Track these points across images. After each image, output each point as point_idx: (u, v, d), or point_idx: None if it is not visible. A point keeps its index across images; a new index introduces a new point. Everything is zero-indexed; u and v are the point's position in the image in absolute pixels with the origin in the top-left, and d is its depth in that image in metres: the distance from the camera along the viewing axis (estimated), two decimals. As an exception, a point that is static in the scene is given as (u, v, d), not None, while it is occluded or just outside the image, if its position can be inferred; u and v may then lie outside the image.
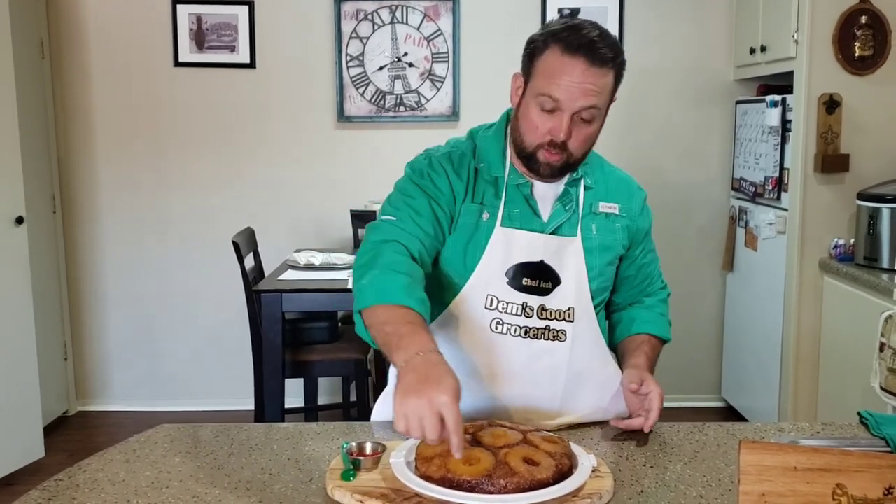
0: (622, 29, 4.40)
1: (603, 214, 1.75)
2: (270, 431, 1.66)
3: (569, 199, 1.72)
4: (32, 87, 4.18)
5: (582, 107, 1.60)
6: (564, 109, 1.59)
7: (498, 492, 1.26)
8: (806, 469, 1.08)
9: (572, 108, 1.59)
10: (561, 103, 1.59)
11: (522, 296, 1.67)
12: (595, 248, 1.73)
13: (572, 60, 1.57)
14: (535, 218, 1.70)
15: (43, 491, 1.38)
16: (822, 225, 3.63)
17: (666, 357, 5.03)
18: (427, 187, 1.70)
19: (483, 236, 1.68)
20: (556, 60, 1.59)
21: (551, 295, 1.68)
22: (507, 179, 1.71)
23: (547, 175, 1.68)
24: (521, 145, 1.68)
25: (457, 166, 1.72)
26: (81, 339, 4.61)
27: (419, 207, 1.68)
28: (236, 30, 4.42)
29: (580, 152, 1.67)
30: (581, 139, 1.64)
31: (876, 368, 2.87)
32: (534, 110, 1.63)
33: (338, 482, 1.33)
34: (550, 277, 1.68)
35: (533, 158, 1.66)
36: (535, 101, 1.62)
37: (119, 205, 4.53)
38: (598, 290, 1.74)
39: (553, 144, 1.62)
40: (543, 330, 1.68)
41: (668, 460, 1.50)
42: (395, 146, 4.37)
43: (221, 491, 1.37)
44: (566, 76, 1.58)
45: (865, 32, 3.49)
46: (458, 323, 1.69)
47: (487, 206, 1.69)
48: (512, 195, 1.70)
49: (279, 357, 3.40)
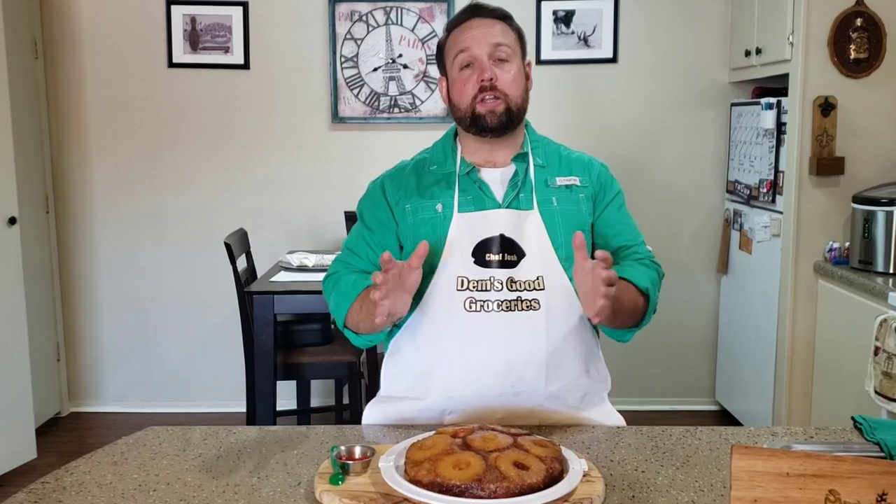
0: (617, 31, 4.40)
1: (563, 187, 1.83)
2: (260, 434, 1.65)
3: (517, 177, 1.81)
4: (25, 87, 4.16)
5: (491, 45, 1.77)
6: (478, 56, 1.77)
7: (488, 496, 1.25)
8: (798, 475, 1.07)
9: (484, 50, 1.77)
10: (472, 50, 1.77)
11: (489, 271, 1.74)
12: (557, 219, 1.79)
13: (466, 24, 1.81)
14: (487, 200, 1.80)
15: (29, 493, 1.37)
16: (816, 228, 3.62)
17: (660, 360, 5.05)
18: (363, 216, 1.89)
19: (442, 225, 1.78)
20: (456, 34, 1.82)
21: (518, 267, 1.75)
22: (458, 171, 1.82)
23: (495, 124, 1.77)
24: (461, 115, 1.81)
25: (393, 177, 1.89)
26: (74, 340, 4.60)
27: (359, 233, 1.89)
28: (230, 31, 4.40)
29: (514, 92, 1.78)
30: (508, 80, 1.78)
31: (870, 372, 2.86)
32: (457, 76, 1.80)
33: (326, 486, 1.32)
34: (515, 250, 1.76)
35: (475, 116, 1.78)
36: (454, 69, 1.81)
37: (112, 206, 4.51)
38: (568, 258, 1.76)
39: (484, 90, 1.76)
40: (516, 301, 1.73)
41: (659, 465, 1.49)
42: (390, 147, 4.35)
43: (209, 494, 1.36)
44: (465, 33, 1.80)
45: (860, 35, 3.49)
46: (435, 309, 1.76)
47: (440, 199, 1.81)
48: (464, 185, 1.81)
49: (271, 359, 3.39)
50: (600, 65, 4.44)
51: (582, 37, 4.41)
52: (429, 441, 1.38)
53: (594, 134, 4.40)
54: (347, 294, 1.79)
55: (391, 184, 1.87)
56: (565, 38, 4.41)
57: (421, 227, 1.80)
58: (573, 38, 4.41)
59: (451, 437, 1.39)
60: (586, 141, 4.22)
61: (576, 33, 4.40)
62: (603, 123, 4.45)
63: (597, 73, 4.44)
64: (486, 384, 1.73)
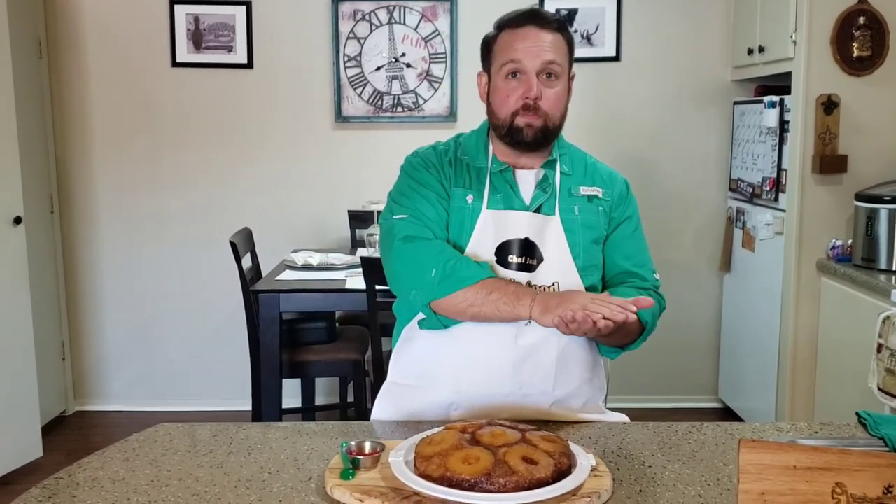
0: (620, 29, 4.41)
1: (585, 197, 1.84)
2: (269, 430, 1.66)
3: (547, 183, 1.81)
4: (30, 86, 4.17)
5: (543, 62, 1.73)
6: (528, 69, 1.73)
7: (497, 491, 1.26)
8: (805, 468, 1.08)
9: (535, 65, 1.73)
10: (523, 63, 1.73)
11: (510, 273, 1.76)
12: (577, 227, 1.80)
13: (523, 30, 1.75)
14: (517, 200, 1.80)
15: (43, 489, 1.38)
16: (819, 226, 3.63)
17: (663, 358, 5.04)
18: (423, 180, 1.82)
19: (470, 219, 1.78)
20: (510, 35, 1.77)
21: (537, 271, 1.76)
22: (490, 168, 1.82)
23: (531, 139, 1.76)
24: (499, 123, 1.79)
25: (441, 157, 1.85)
26: (79, 339, 4.61)
27: (424, 197, 1.79)
28: (234, 30, 4.42)
29: (555, 112, 1.77)
30: (552, 99, 1.76)
31: (873, 369, 2.87)
32: (501, 83, 1.77)
33: (337, 481, 1.33)
34: (535, 254, 1.77)
35: (513, 128, 1.76)
36: (500, 75, 1.77)
37: (117, 205, 4.53)
38: (586, 267, 1.79)
39: (527, 108, 1.74)
40: None
41: (666, 459, 1.51)
42: (393, 147, 4.35)
43: (221, 489, 1.37)
44: (521, 41, 1.74)
45: (864, 33, 3.50)
46: None
47: (472, 190, 1.80)
48: (495, 181, 1.81)
49: (276, 357, 3.40)
50: (603, 63, 4.44)
51: (585, 35, 4.41)
52: (438, 436, 1.39)
53: (597, 132, 4.41)
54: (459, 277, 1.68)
55: (436, 161, 1.85)
56: (568, 36, 4.41)
57: (453, 215, 1.79)
58: (576, 36, 4.40)
59: (460, 433, 1.40)
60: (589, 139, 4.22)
61: (579, 32, 4.41)
62: (606, 122, 4.45)
63: (599, 72, 4.45)
64: (494, 382, 1.74)
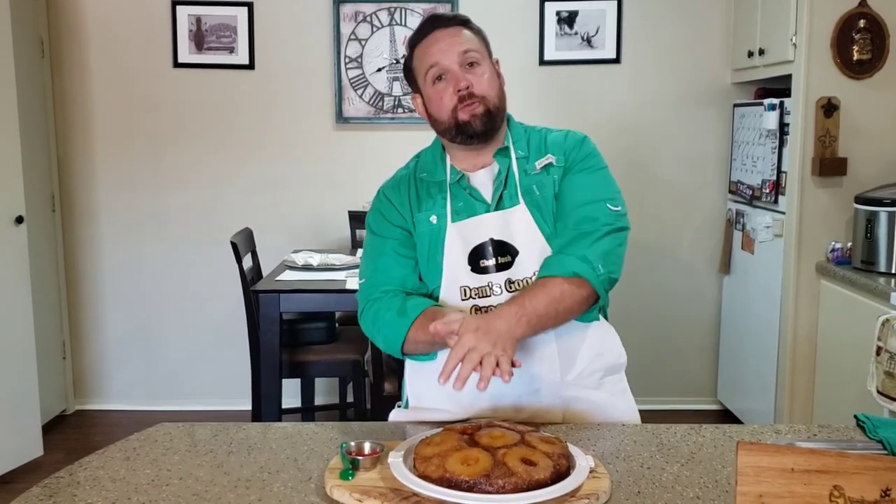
0: (620, 31, 4.42)
1: (542, 171, 1.80)
2: (269, 430, 1.67)
3: (501, 175, 1.80)
4: (32, 86, 4.18)
5: (459, 54, 1.75)
6: (449, 66, 1.75)
7: (496, 492, 1.27)
8: (803, 470, 1.08)
9: (453, 59, 1.75)
10: (442, 63, 1.76)
11: (486, 277, 1.76)
12: (543, 207, 1.78)
13: (430, 37, 1.78)
14: (479, 204, 1.79)
15: (44, 488, 1.38)
16: (819, 228, 3.64)
17: (662, 360, 5.06)
18: (381, 230, 1.85)
19: (439, 238, 1.79)
20: (421, 48, 1.80)
21: (513, 267, 1.75)
22: (448, 180, 1.82)
23: (480, 127, 1.76)
24: (444, 126, 1.79)
25: (401, 186, 1.87)
26: (80, 338, 4.62)
27: (382, 253, 1.83)
28: (235, 31, 4.42)
29: (490, 93, 1.77)
30: (483, 83, 1.76)
31: (872, 372, 2.87)
32: (432, 91, 1.78)
33: (337, 481, 1.34)
34: (508, 251, 1.76)
35: (459, 125, 1.76)
36: (427, 84, 1.79)
37: (118, 204, 4.54)
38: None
39: (462, 99, 1.74)
40: None
41: (664, 461, 1.51)
42: (394, 148, 4.36)
43: (221, 489, 1.38)
44: (432, 46, 1.77)
45: (864, 36, 3.50)
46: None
47: (434, 211, 1.80)
48: (455, 192, 1.81)
49: (277, 357, 3.40)
50: (603, 65, 4.45)
51: (585, 37, 4.42)
52: (437, 437, 1.40)
53: (597, 135, 4.35)
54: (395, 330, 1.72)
55: (395, 195, 1.86)
56: (568, 38, 4.42)
57: (421, 241, 1.80)
58: (576, 38, 4.42)
59: (459, 434, 1.41)
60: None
61: (579, 34, 4.42)
62: (606, 124, 4.46)
63: (600, 74, 4.46)
64: (505, 387, 1.69)
